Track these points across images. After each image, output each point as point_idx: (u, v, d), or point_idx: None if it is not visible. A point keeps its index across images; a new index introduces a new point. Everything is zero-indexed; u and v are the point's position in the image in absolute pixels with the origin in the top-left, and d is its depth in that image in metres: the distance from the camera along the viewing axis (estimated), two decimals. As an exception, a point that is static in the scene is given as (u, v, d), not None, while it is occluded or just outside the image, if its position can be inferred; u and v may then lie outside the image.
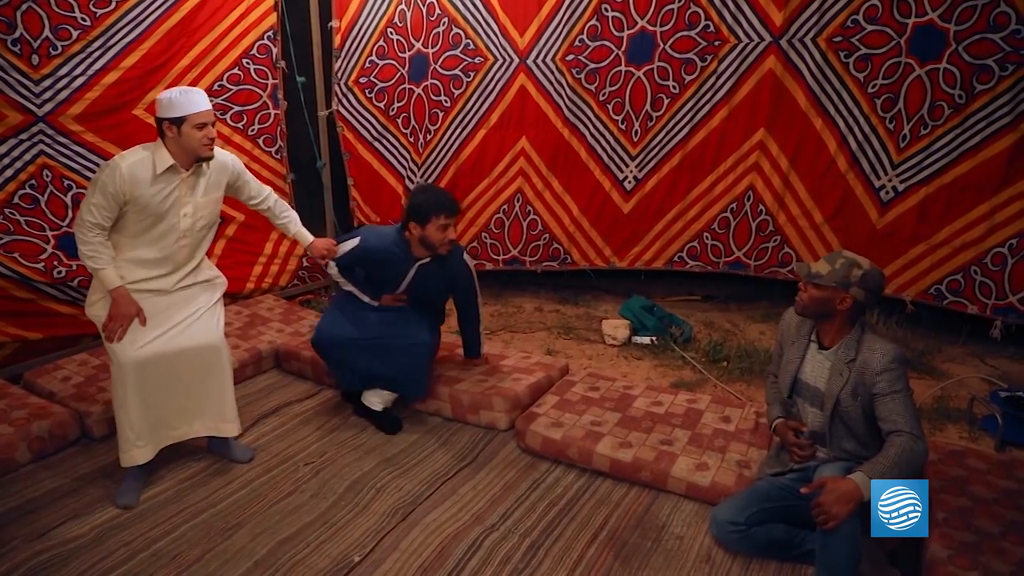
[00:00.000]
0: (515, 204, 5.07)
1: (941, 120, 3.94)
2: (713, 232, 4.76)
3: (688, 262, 4.87)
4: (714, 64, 4.40)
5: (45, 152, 3.91)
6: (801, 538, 2.41)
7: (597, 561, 2.47)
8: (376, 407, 3.39)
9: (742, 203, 4.63)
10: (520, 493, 2.89)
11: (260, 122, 4.90)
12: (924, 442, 2.18)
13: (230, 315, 4.49)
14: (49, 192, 3.97)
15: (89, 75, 3.99)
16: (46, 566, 2.46)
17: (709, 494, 2.72)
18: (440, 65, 4.85)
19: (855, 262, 2.31)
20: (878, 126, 4.13)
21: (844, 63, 4.12)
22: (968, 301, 4.09)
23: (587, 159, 4.84)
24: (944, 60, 3.83)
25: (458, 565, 2.45)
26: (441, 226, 3.19)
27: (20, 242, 3.83)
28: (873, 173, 4.23)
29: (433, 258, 3.33)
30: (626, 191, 4.86)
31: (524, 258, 5.16)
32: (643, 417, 3.20)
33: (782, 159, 4.44)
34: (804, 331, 2.53)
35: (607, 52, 4.58)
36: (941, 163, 4.00)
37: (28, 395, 3.43)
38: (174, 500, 2.85)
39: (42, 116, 3.85)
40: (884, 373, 2.26)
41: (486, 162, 5.00)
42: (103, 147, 4.13)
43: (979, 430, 3.36)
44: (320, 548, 2.55)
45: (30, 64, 3.77)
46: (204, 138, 2.76)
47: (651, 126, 4.66)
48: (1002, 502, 2.49)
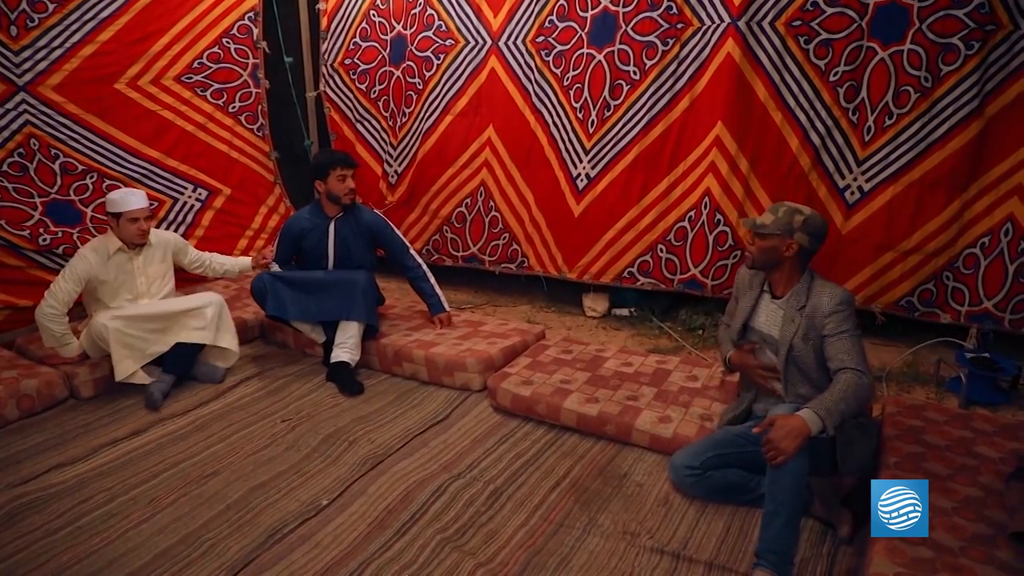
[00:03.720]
0: (478, 199, 4.88)
1: (907, 107, 3.65)
2: (668, 244, 4.29)
3: (639, 279, 4.40)
4: (676, 48, 4.06)
5: (31, 122, 4.07)
6: (756, 482, 2.48)
7: (557, 505, 2.55)
8: (343, 357, 3.54)
9: (700, 211, 4.17)
10: (489, 446, 2.97)
11: (241, 100, 5.03)
12: (870, 377, 2.25)
13: (217, 287, 4.61)
14: (37, 160, 4.12)
15: (67, 47, 4.15)
16: (28, 506, 2.56)
17: (671, 445, 2.78)
18: (415, 47, 4.83)
19: (797, 209, 2.39)
20: (840, 118, 3.80)
21: (804, 50, 3.79)
22: (940, 310, 3.81)
23: (548, 150, 4.55)
24: (908, 40, 3.57)
25: (422, 508, 2.53)
26: (339, 176, 3.65)
27: (7, 208, 3.96)
28: (837, 172, 3.88)
29: (344, 213, 3.75)
30: (578, 191, 4.49)
31: (483, 257, 4.95)
32: (612, 376, 3.27)
33: (741, 160, 4.02)
34: (757, 283, 2.61)
35: (572, 33, 4.33)
36: (908, 157, 3.70)
37: (18, 357, 3.55)
38: (155, 452, 2.96)
39: (22, 86, 4.01)
40: (832, 315, 2.34)
41: (450, 150, 4.87)
42: (88, 119, 4.30)
43: (945, 391, 3.41)
44: (291, 493, 2.64)
45: (8, 35, 3.93)
46: (136, 230, 3.44)
47: (608, 116, 4.30)
48: (954, 448, 2.54)
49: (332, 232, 3.77)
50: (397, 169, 5.14)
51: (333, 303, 3.59)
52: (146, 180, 4.57)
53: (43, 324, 3.29)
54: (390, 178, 5.19)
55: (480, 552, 2.29)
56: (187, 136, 4.78)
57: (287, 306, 3.59)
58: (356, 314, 3.57)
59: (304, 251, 3.81)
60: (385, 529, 2.41)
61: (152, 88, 4.58)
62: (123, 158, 4.48)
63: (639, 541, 2.34)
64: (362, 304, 3.56)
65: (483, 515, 2.49)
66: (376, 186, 5.25)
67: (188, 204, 4.82)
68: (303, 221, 3.81)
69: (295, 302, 3.60)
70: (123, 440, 3.05)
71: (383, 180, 5.22)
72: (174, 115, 4.70)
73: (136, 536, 2.40)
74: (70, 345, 3.39)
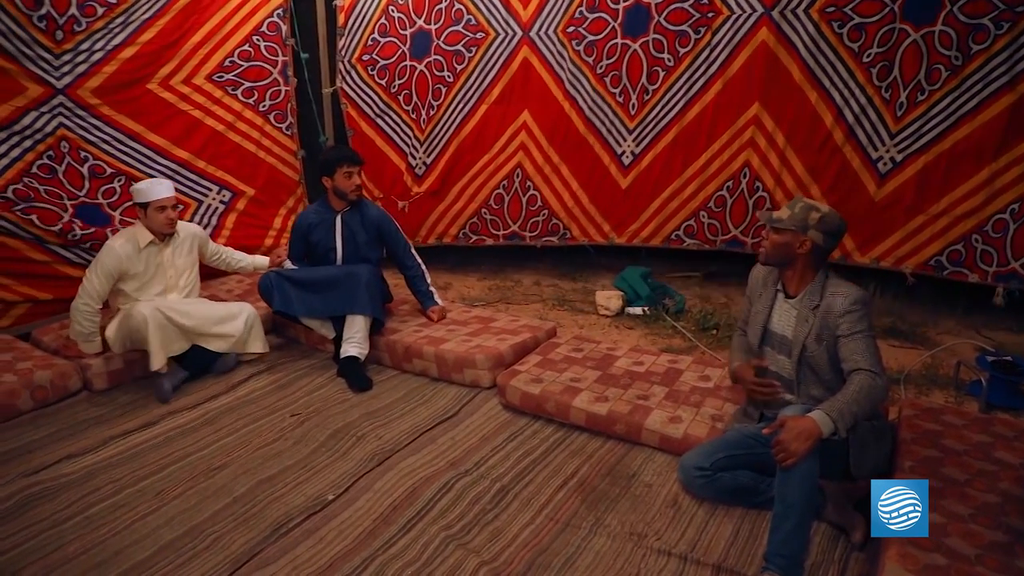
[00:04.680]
0: (515, 179, 5.10)
1: (938, 83, 3.90)
2: (710, 211, 4.72)
3: (685, 240, 4.84)
4: (708, 36, 4.37)
5: (64, 124, 4.07)
6: (767, 484, 2.43)
7: (564, 504, 2.52)
8: (352, 351, 3.53)
9: (738, 180, 4.58)
10: (497, 444, 2.95)
11: (271, 98, 5.01)
12: (883, 379, 2.20)
13: (232, 282, 4.63)
14: (66, 163, 4.10)
15: (107, 50, 4.15)
16: (38, 496, 2.59)
17: (681, 446, 2.74)
18: (443, 41, 4.92)
19: (814, 206, 2.34)
20: (874, 96, 4.08)
21: (838, 34, 4.06)
22: (968, 270, 4.04)
23: (586, 133, 4.84)
24: (939, 22, 3.80)
25: (428, 504, 2.52)
26: (346, 173, 3.70)
27: (39, 208, 3.94)
28: (870, 144, 4.17)
29: (351, 207, 3.80)
30: (624, 166, 4.85)
31: (524, 233, 5.19)
32: (623, 375, 3.23)
33: (778, 135, 4.38)
34: (771, 281, 2.56)
35: (604, 24, 4.58)
36: (939, 129, 3.95)
37: (34, 349, 3.58)
38: (163, 445, 2.97)
39: (61, 89, 4.01)
40: (846, 315, 2.29)
41: (487, 137, 5.05)
42: (120, 120, 4.29)
43: (965, 395, 3.33)
44: (297, 488, 2.63)
45: (53, 39, 3.93)
46: (165, 219, 3.45)
47: (647, 100, 4.64)
48: (973, 453, 2.48)
49: (339, 225, 3.81)
50: (425, 160, 5.22)
51: (337, 298, 3.60)
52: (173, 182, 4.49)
53: (75, 319, 3.34)
54: (416, 170, 5.26)
55: (484, 550, 2.27)
56: (216, 136, 4.77)
57: (293, 303, 3.60)
58: (360, 307, 3.56)
59: (312, 244, 3.84)
60: (390, 525, 2.40)
61: (184, 88, 4.57)
62: (152, 159, 4.47)
63: (646, 542, 2.30)
64: (365, 297, 3.56)
65: (489, 513, 2.47)
66: (400, 179, 5.30)
67: (212, 207, 4.80)
68: (311, 215, 3.87)
69: (301, 299, 3.61)
70: (134, 432, 3.06)
71: (408, 173, 5.27)
72: (204, 114, 4.69)
73: (142, 528, 2.41)
74: (93, 343, 3.43)
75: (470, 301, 4.77)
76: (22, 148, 3.92)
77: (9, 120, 3.84)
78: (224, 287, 4.56)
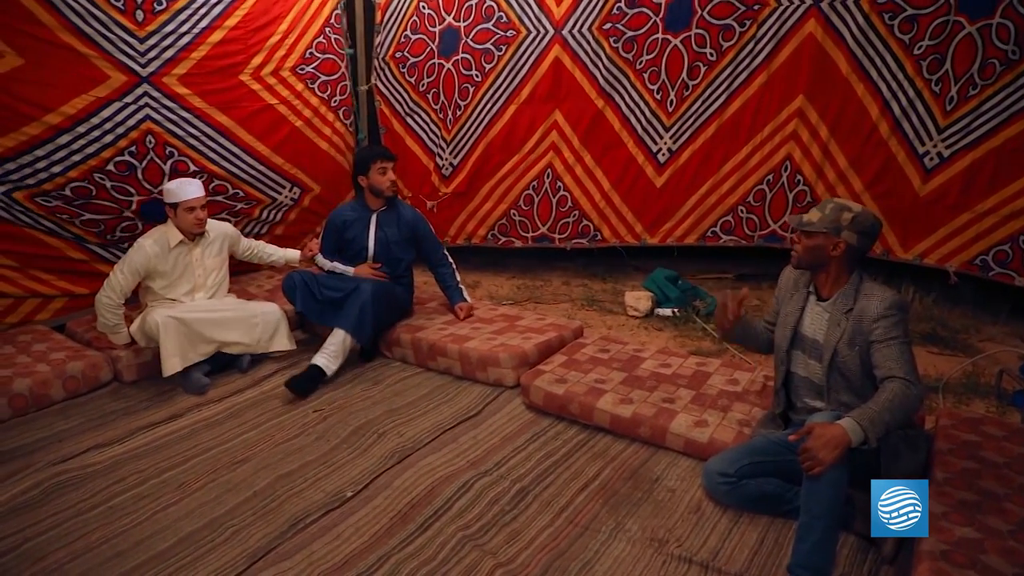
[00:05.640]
0: (545, 180, 5.02)
1: (992, 79, 3.76)
2: (748, 205, 4.63)
3: (722, 237, 4.75)
4: (753, 29, 4.28)
5: (151, 117, 3.85)
6: (794, 493, 2.35)
7: (585, 507, 2.47)
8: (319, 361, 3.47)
9: (779, 174, 4.51)
10: (519, 444, 2.91)
11: (340, 92, 4.94)
12: (918, 388, 2.11)
13: (262, 277, 4.67)
14: (149, 159, 3.92)
15: (195, 33, 3.92)
16: (64, 484, 2.64)
17: (707, 451, 2.67)
18: (472, 39, 4.86)
19: (846, 206, 2.25)
20: (923, 89, 3.98)
21: (888, 25, 3.96)
22: (1016, 273, 3.88)
23: (620, 131, 4.74)
24: (997, 15, 3.66)
25: (446, 503, 2.49)
26: (380, 169, 3.71)
27: (96, 204, 3.86)
28: (917, 139, 4.07)
29: (386, 207, 3.81)
30: (659, 164, 4.75)
31: (553, 235, 5.12)
32: (649, 377, 3.17)
33: (822, 128, 4.30)
34: (802, 284, 2.48)
35: (645, 19, 4.47)
36: (990, 125, 3.82)
37: (68, 340, 3.66)
38: (188, 437, 3.00)
39: (146, 77, 3.78)
40: (881, 320, 2.20)
41: (516, 137, 4.98)
42: (210, 114, 4.09)
43: (1007, 405, 3.19)
44: (317, 484, 2.63)
45: (134, 20, 3.69)
46: (194, 219, 3.44)
47: (687, 95, 4.55)
48: (1013, 466, 2.37)
49: (374, 224, 3.81)
50: (452, 161, 5.17)
51: (332, 309, 3.61)
52: (253, 180, 4.46)
53: (99, 311, 3.39)
54: (443, 171, 5.21)
55: (501, 552, 2.23)
56: (296, 132, 4.64)
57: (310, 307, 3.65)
58: (343, 322, 3.52)
59: (346, 241, 3.84)
60: (407, 524, 2.38)
61: (272, 80, 4.40)
62: (237, 156, 4.32)
63: (667, 549, 2.25)
64: (354, 316, 3.50)
65: (507, 514, 2.44)
66: (428, 179, 5.27)
67: (282, 204, 4.73)
68: (346, 212, 3.89)
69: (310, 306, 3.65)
70: (160, 424, 3.10)
71: (435, 173, 5.24)
72: (288, 110, 4.55)
73: (164, 519, 2.43)
74: (120, 334, 3.47)
75: (498, 300, 4.74)
76: (100, 144, 3.72)
77: (86, 113, 3.63)
78: (255, 283, 4.60)
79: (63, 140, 3.62)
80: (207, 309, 3.51)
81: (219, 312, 3.52)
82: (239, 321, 3.55)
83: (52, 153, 3.62)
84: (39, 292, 3.91)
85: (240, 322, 3.55)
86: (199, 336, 3.41)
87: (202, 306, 3.53)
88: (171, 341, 3.29)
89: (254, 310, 3.64)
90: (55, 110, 3.56)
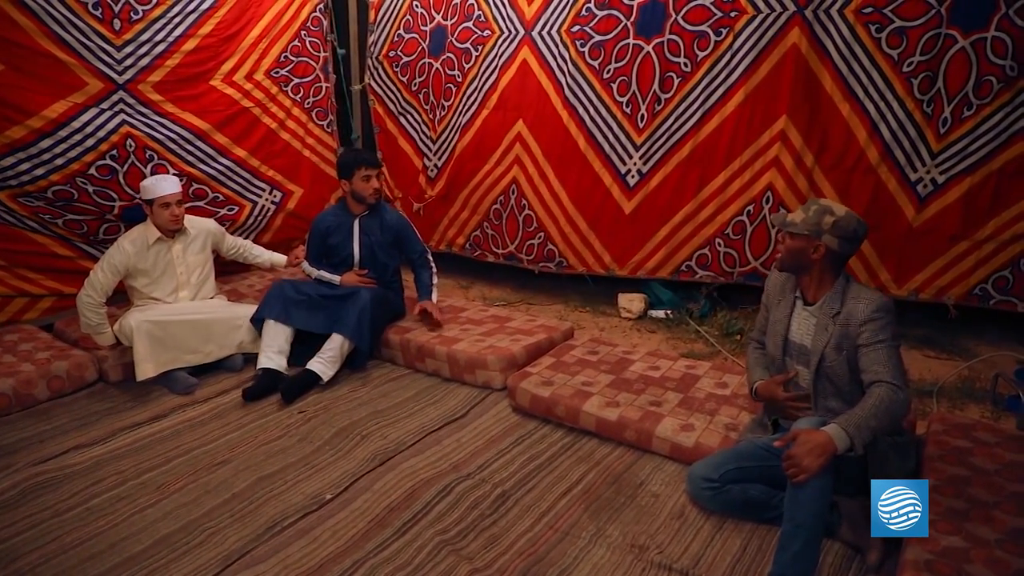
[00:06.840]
0: (510, 196, 4.70)
1: (988, 98, 3.44)
2: (726, 238, 4.13)
3: (697, 271, 4.25)
4: (729, 39, 3.84)
5: (128, 122, 3.93)
6: (779, 499, 2.30)
7: (566, 512, 2.43)
8: (314, 367, 3.39)
9: (760, 205, 4.01)
10: (503, 447, 2.87)
11: (314, 95, 4.96)
12: (906, 392, 2.06)
13: (254, 277, 4.65)
14: (130, 163, 3.97)
15: (170, 41, 4.01)
16: (43, 485, 2.61)
17: (693, 455, 2.63)
18: (456, 38, 4.70)
19: (829, 209, 2.21)
20: (914, 111, 3.59)
21: (875, 39, 3.57)
22: (1017, 299, 3.63)
23: (586, 149, 4.32)
24: (992, 27, 3.34)
25: (426, 507, 2.46)
26: (364, 176, 3.62)
27: (79, 207, 3.88)
28: (909, 165, 3.69)
29: (369, 212, 3.73)
30: (628, 187, 4.28)
31: (521, 256, 4.75)
32: (637, 380, 3.13)
33: (807, 154, 3.84)
34: (789, 288, 2.43)
35: (615, 23, 4.09)
36: (988, 148, 3.49)
37: (54, 340, 3.64)
38: (171, 438, 2.97)
39: (122, 84, 3.88)
40: (868, 323, 2.15)
41: (485, 146, 4.71)
42: (185, 118, 4.17)
43: (1003, 410, 3.14)
44: (296, 486, 2.60)
45: (112, 29, 3.78)
46: (169, 215, 3.43)
47: (659, 110, 4.08)
48: (1004, 473, 2.32)
49: (357, 229, 3.74)
50: (436, 163, 5.05)
51: (326, 316, 3.52)
52: (230, 183, 4.49)
53: (81, 311, 3.35)
54: (429, 172, 5.11)
55: (478, 557, 2.20)
56: (270, 134, 4.69)
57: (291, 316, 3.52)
58: (343, 328, 3.44)
59: (330, 247, 3.77)
60: (385, 527, 2.35)
61: (246, 83, 4.48)
62: (212, 158, 4.37)
63: (647, 555, 2.20)
64: (354, 320, 3.44)
65: (487, 519, 2.40)
66: (417, 180, 5.19)
67: (265, 207, 4.74)
68: (328, 218, 3.81)
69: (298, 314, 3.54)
70: (143, 424, 3.08)
71: (423, 174, 5.15)
72: (262, 111, 4.60)
73: (140, 521, 2.41)
74: (105, 334, 3.42)
75: (491, 301, 4.71)
76: (82, 148, 3.78)
77: (66, 118, 3.70)
78: (246, 283, 4.57)
79: (45, 144, 3.69)
80: (189, 312, 3.48)
81: (201, 314, 3.48)
82: (221, 323, 3.51)
83: (35, 156, 3.67)
84: (27, 291, 3.90)
85: (222, 324, 3.51)
86: (177, 341, 3.37)
87: (184, 308, 3.50)
88: (143, 346, 3.24)
89: (238, 312, 3.60)
90: (37, 114, 3.64)
